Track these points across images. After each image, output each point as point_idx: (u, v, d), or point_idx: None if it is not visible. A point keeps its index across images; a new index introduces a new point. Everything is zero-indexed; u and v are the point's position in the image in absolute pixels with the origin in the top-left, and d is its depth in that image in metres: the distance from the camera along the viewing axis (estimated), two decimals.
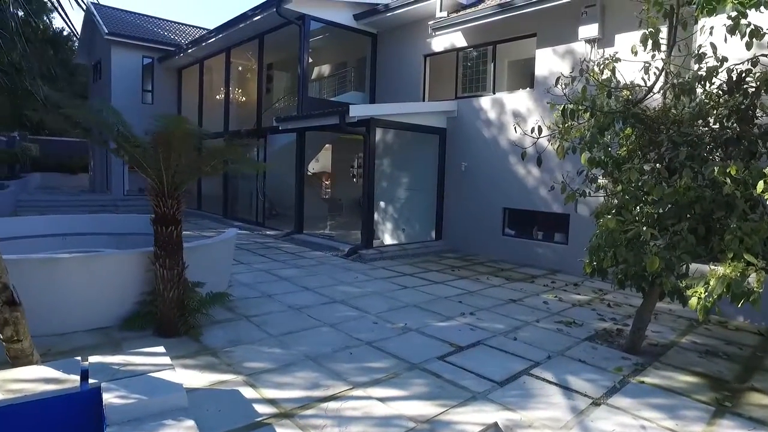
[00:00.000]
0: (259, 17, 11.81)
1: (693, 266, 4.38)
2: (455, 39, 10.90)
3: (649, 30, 4.35)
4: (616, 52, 5.18)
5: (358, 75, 14.51)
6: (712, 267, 3.67)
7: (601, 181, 5.16)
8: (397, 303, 6.33)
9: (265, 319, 5.40)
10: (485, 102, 10.36)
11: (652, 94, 5.00)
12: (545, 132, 5.43)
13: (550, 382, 4.01)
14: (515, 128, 5.86)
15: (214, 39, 14.12)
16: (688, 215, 4.15)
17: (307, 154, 12.84)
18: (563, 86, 4.92)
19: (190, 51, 15.83)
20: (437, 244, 10.88)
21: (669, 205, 4.10)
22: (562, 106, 5.38)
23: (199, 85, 16.83)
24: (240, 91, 17.69)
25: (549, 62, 9.16)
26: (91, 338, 4.57)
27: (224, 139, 4.55)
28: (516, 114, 9.80)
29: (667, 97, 5.05)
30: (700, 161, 4.18)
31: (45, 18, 26.62)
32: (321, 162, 27.23)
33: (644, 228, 3.92)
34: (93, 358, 3.35)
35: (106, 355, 3.40)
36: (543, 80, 9.28)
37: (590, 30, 8.12)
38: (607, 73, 5.14)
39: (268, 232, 12.36)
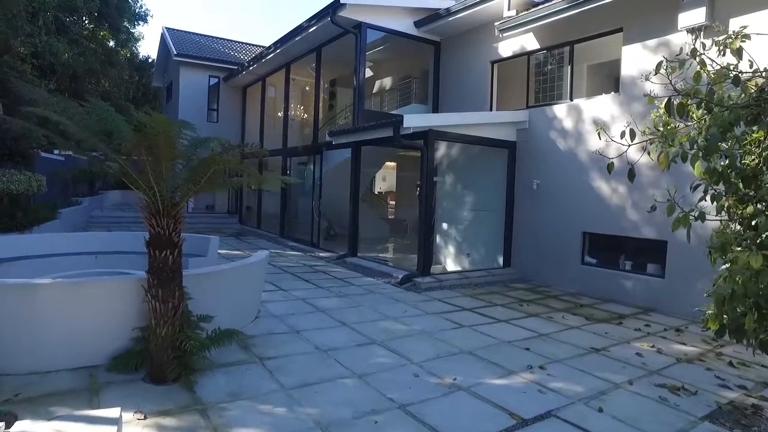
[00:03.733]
0: (314, 28, 11.28)
1: None
2: (525, 41, 9.70)
3: None
4: (744, 27, 3.84)
5: (422, 87, 13.62)
6: None
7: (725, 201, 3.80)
8: (448, 348, 5.18)
9: (283, 363, 4.47)
10: (561, 110, 9.04)
11: None
12: (638, 137, 4.19)
13: None
14: (599, 135, 4.62)
15: (273, 54, 13.85)
16: None
17: (366, 171, 12.05)
18: (669, 72, 3.65)
19: (251, 68, 15.74)
20: (505, 272, 9.56)
21: None
22: (662, 101, 4.14)
23: (261, 102, 16.72)
24: (302, 107, 17.43)
25: (639, 60, 7.73)
26: (71, 380, 3.84)
27: (223, 147, 3.67)
28: (598, 122, 8.39)
29: None
30: None
31: (132, 47, 28.38)
32: (388, 181, 26.58)
33: None
34: (19, 426, 2.56)
35: (39, 421, 2.59)
36: (631, 81, 7.86)
37: (694, 16, 6.66)
38: (729, 58, 3.82)
39: (321, 254, 11.61)
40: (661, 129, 4.19)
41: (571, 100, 8.99)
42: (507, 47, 10.12)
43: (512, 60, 10.28)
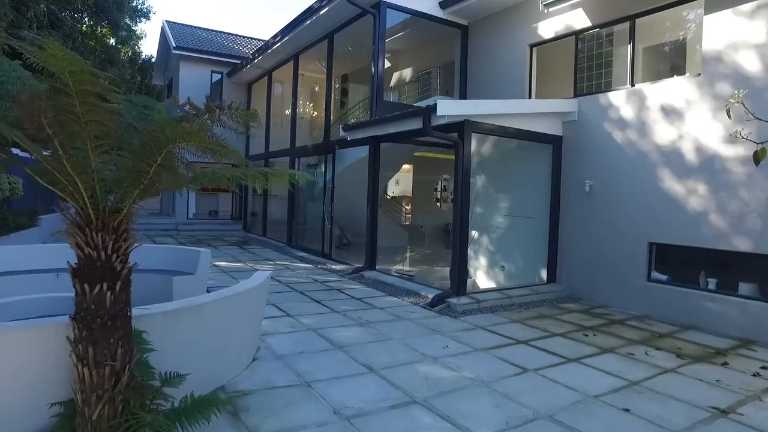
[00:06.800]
0: (326, 9, 9.90)
1: None
2: (573, 18, 8.26)
3: None
4: None
5: (445, 78, 12.20)
6: None
7: None
8: (517, 409, 3.71)
9: None
10: (618, 98, 7.57)
11: None
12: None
13: None
14: (728, 112, 3.17)
15: (280, 44, 12.47)
16: None
17: (382, 174, 10.65)
18: None
19: (257, 61, 14.39)
20: (550, 289, 8.06)
21: None
22: None
23: (267, 99, 15.38)
24: (312, 105, 16.09)
25: (727, 30, 6.28)
26: None
27: (183, 112, 2.22)
28: (670, 111, 6.94)
29: None
30: None
31: (134, 46, 27.33)
32: (401, 185, 25.15)
33: None
34: None
35: None
36: (716, 57, 6.40)
37: None
38: None
39: (334, 267, 10.19)
40: None
41: (632, 85, 7.52)
42: (549, 27, 8.68)
43: (553, 44, 8.85)
